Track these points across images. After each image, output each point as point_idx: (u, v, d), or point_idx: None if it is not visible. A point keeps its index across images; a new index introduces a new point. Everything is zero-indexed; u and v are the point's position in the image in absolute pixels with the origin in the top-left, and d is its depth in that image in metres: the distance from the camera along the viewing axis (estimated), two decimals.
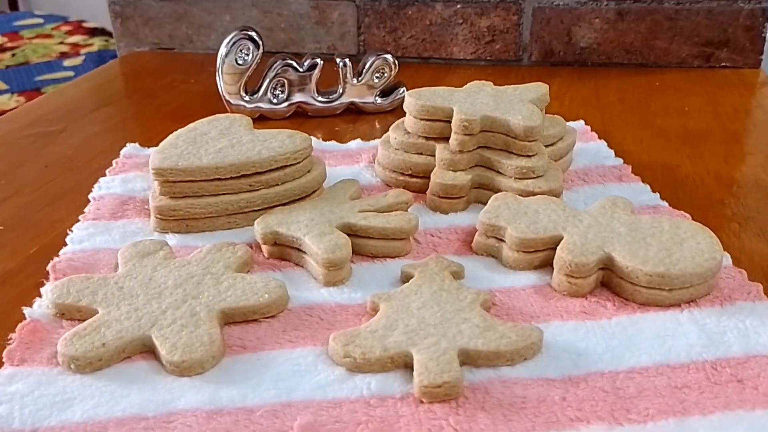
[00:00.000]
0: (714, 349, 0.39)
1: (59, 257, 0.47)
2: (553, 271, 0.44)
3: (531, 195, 0.50)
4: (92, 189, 0.57)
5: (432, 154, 0.55)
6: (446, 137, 0.54)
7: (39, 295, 0.44)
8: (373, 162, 0.60)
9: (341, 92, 0.73)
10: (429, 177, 0.53)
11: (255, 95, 0.71)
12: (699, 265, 0.42)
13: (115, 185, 0.57)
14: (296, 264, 0.47)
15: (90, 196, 0.56)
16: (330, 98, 0.73)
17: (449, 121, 0.53)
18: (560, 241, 0.45)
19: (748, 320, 0.41)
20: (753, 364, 0.37)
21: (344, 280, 0.45)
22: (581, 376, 0.37)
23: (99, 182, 0.58)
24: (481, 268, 0.46)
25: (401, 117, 0.59)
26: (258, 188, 0.51)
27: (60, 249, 0.48)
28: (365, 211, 0.49)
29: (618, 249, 0.43)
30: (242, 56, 0.69)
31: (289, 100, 0.72)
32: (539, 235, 0.45)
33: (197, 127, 0.55)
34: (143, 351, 0.39)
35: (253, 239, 0.49)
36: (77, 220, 0.52)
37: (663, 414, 0.34)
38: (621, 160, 0.61)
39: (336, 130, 0.70)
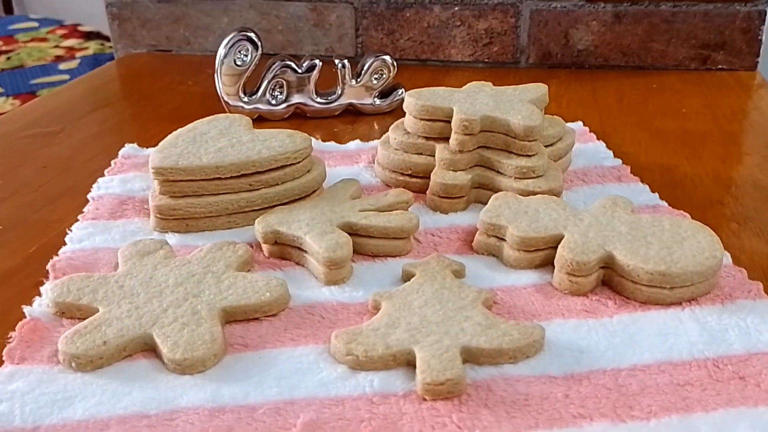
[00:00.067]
0: (716, 347, 0.39)
1: (59, 256, 0.47)
2: (554, 270, 0.44)
3: (531, 194, 0.50)
4: (91, 189, 0.57)
5: (432, 154, 0.55)
6: (446, 137, 0.54)
7: (38, 294, 0.43)
8: (373, 162, 0.60)
9: (340, 93, 0.73)
10: (429, 177, 0.53)
11: (254, 96, 0.71)
12: (700, 264, 0.42)
13: (114, 185, 0.57)
14: (297, 263, 0.47)
15: (89, 196, 0.55)
16: (328, 99, 0.73)
17: (449, 121, 0.53)
18: (561, 240, 0.45)
19: (749, 318, 0.41)
20: (755, 362, 0.38)
21: (345, 279, 0.45)
22: (584, 374, 0.37)
23: (98, 182, 0.58)
24: (482, 267, 0.46)
25: (400, 118, 0.59)
26: (258, 188, 0.51)
27: (59, 248, 0.48)
28: (366, 211, 0.49)
29: (619, 247, 0.43)
30: (241, 57, 0.69)
31: (288, 101, 0.72)
32: (540, 234, 0.45)
33: (197, 127, 0.55)
34: (144, 349, 0.39)
35: (253, 239, 0.49)
36: (76, 220, 0.52)
37: (666, 411, 0.34)
38: (620, 161, 0.61)
39: (335, 131, 0.70)
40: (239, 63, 0.69)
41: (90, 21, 1.73)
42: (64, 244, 0.49)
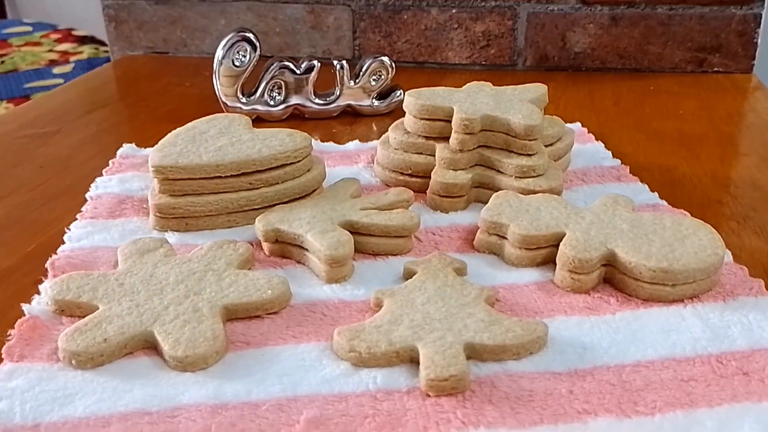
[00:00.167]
0: (719, 343, 0.39)
1: (57, 255, 0.47)
2: (556, 268, 0.44)
3: (531, 193, 0.50)
4: (89, 188, 0.56)
5: (431, 154, 0.55)
6: (446, 137, 0.54)
7: (37, 293, 0.43)
8: (372, 162, 0.60)
9: (338, 95, 0.73)
10: (429, 176, 0.53)
11: (252, 97, 0.71)
12: (702, 261, 0.42)
13: (113, 185, 0.57)
14: (298, 261, 0.47)
15: (87, 196, 0.55)
16: (327, 101, 0.73)
17: (449, 121, 0.53)
18: (562, 238, 0.45)
19: (752, 315, 0.41)
20: (758, 358, 0.38)
21: (346, 277, 0.45)
22: (587, 370, 0.37)
23: (96, 182, 0.57)
24: (484, 266, 0.46)
25: (398, 119, 0.59)
26: (258, 186, 0.50)
27: (57, 247, 0.48)
28: (367, 209, 0.48)
29: (621, 245, 0.43)
30: (239, 58, 0.69)
31: (286, 102, 0.72)
32: (541, 232, 0.45)
33: (196, 126, 0.55)
34: (145, 347, 0.39)
35: (253, 238, 0.49)
36: (74, 219, 0.52)
37: (670, 406, 0.34)
38: (619, 161, 0.61)
39: (333, 132, 0.70)
40: (237, 64, 0.69)
41: (84, 25, 1.73)
42: (63, 243, 0.49)
